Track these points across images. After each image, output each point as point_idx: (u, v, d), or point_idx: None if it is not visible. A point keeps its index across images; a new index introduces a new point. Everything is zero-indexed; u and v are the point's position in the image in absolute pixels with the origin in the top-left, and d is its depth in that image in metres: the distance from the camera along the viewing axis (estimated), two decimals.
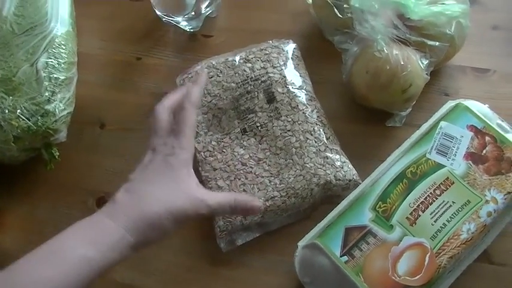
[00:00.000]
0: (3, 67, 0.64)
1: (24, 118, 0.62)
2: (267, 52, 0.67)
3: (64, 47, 0.68)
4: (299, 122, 0.62)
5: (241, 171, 0.61)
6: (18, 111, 0.62)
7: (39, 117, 0.62)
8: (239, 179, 0.60)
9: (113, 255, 0.45)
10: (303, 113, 0.62)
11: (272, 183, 0.59)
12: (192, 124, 0.52)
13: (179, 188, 0.49)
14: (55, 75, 0.65)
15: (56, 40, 0.67)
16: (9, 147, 0.63)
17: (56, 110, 0.64)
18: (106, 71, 0.76)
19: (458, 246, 0.51)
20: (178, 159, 0.50)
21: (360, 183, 0.58)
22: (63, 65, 0.67)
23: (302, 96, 0.64)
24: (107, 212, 0.47)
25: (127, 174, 0.66)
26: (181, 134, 0.51)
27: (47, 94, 0.64)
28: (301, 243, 0.55)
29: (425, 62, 0.61)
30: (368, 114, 0.66)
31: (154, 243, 0.48)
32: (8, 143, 0.62)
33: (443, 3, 0.62)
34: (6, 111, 0.62)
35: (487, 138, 0.56)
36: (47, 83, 0.64)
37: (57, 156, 0.66)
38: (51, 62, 0.65)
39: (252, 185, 0.60)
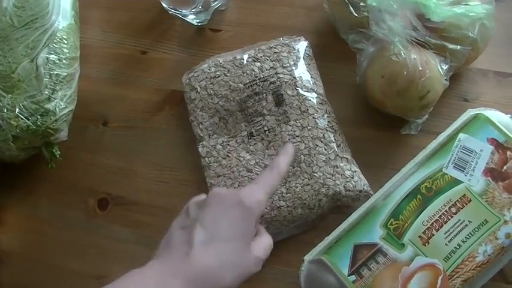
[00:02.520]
0: (2, 62, 0.62)
1: (23, 117, 0.60)
2: (277, 51, 0.63)
3: (66, 42, 0.65)
4: (308, 128, 0.59)
5: (246, 178, 0.58)
6: (17, 110, 0.60)
7: (38, 117, 0.60)
8: (243, 186, 0.58)
9: None
10: (313, 118, 0.59)
11: (278, 191, 0.57)
12: None
13: (248, 250, 0.47)
14: (56, 72, 0.63)
15: (58, 34, 0.64)
16: (8, 146, 0.61)
17: (56, 109, 0.62)
18: (109, 65, 0.73)
19: (473, 269, 0.49)
20: None
21: (371, 194, 0.56)
22: (64, 61, 0.64)
23: (313, 99, 0.60)
24: (171, 270, 0.44)
25: (130, 174, 0.65)
26: None
27: (47, 92, 0.61)
28: (307, 258, 0.53)
29: (445, 67, 0.57)
30: (382, 119, 0.63)
31: None
32: (7, 143, 0.60)
33: (466, 4, 0.57)
34: (5, 110, 0.60)
35: (508, 153, 0.53)
36: (47, 80, 0.62)
37: (58, 156, 0.64)
38: (52, 57, 0.63)
39: None
